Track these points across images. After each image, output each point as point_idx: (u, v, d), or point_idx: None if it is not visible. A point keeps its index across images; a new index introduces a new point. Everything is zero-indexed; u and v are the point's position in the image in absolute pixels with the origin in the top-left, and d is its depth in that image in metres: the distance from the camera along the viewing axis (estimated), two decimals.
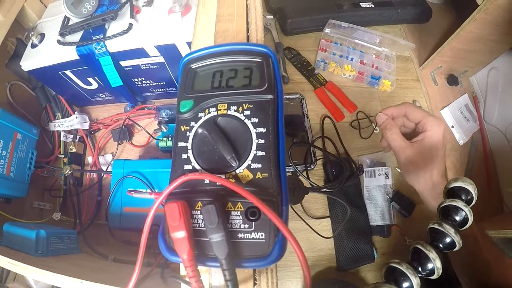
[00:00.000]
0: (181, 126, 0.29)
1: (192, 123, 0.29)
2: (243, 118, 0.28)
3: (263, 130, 0.28)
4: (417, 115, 0.48)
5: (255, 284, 0.29)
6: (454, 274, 0.49)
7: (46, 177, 0.69)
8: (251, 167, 0.27)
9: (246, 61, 0.31)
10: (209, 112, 0.29)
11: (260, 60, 0.31)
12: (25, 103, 0.67)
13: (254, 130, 0.28)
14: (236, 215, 0.25)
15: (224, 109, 0.29)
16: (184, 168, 0.28)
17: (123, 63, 0.60)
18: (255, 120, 0.28)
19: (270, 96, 0.29)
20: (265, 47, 0.32)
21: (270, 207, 0.24)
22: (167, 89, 0.70)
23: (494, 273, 0.43)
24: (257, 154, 0.27)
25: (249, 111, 0.28)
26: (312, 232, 0.64)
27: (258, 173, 0.26)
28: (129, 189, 0.58)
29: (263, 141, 0.27)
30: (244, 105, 0.29)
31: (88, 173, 0.71)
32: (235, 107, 0.29)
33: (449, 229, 0.30)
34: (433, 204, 0.46)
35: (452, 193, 0.34)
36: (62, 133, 0.69)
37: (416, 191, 0.50)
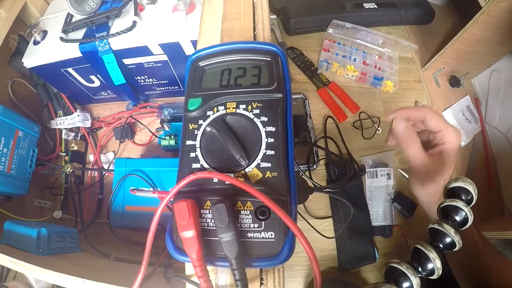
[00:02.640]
0: (189, 124, 0.29)
1: (201, 121, 0.29)
2: (252, 116, 0.28)
3: (272, 129, 0.27)
4: (439, 124, 0.44)
5: (261, 284, 0.29)
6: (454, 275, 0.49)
7: (47, 175, 0.69)
8: (261, 166, 0.26)
9: (254, 60, 0.31)
10: (217, 111, 0.29)
11: (269, 59, 0.31)
12: (26, 100, 0.67)
13: (264, 129, 0.27)
14: (245, 214, 0.25)
15: (233, 108, 0.29)
16: (192, 167, 0.28)
17: (126, 61, 0.60)
18: (264, 119, 0.28)
19: (280, 95, 0.29)
20: (274, 46, 0.32)
21: (280, 206, 0.24)
22: (170, 87, 0.69)
23: (494, 276, 0.43)
24: (267, 153, 0.27)
25: (258, 110, 0.28)
26: (314, 232, 0.64)
27: (268, 172, 0.26)
28: (132, 187, 0.58)
29: (272, 140, 0.27)
30: (253, 103, 0.28)
31: (89, 171, 0.70)
32: (244, 106, 0.29)
33: (449, 229, 0.30)
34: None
35: (452, 193, 0.33)
36: (64, 131, 0.69)
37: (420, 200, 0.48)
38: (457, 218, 0.31)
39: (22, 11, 0.62)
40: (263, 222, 0.25)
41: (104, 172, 0.69)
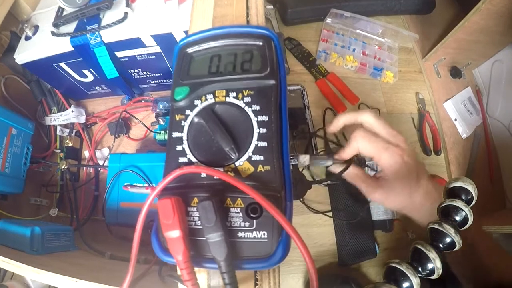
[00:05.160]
0: (176, 115, 0.27)
1: (188, 112, 0.27)
2: (243, 105, 0.26)
3: (265, 118, 0.26)
4: (370, 152, 0.41)
5: (256, 284, 0.28)
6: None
7: (43, 172, 0.68)
8: (252, 159, 0.25)
9: (246, 45, 0.29)
10: (206, 100, 0.27)
11: (261, 43, 0.29)
12: (20, 97, 0.65)
13: (255, 118, 0.26)
14: (235, 212, 0.24)
15: (223, 96, 0.27)
16: (179, 161, 0.26)
17: (119, 54, 0.58)
18: (256, 107, 0.26)
19: (273, 82, 0.27)
20: (267, 29, 0.30)
21: (273, 203, 0.22)
22: (165, 80, 0.68)
23: (495, 275, 0.41)
24: (259, 145, 0.25)
25: (249, 98, 0.26)
26: (313, 227, 0.63)
27: (260, 165, 0.25)
28: (125, 183, 0.57)
29: (265, 130, 0.25)
30: (244, 91, 0.27)
31: (84, 167, 0.69)
32: (234, 94, 0.27)
33: (449, 229, 0.30)
34: (427, 219, 0.43)
35: (452, 193, 0.33)
36: (58, 127, 0.68)
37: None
38: (457, 218, 0.31)
39: (13, 7, 0.60)
40: (254, 220, 0.23)
41: (99, 169, 0.68)
